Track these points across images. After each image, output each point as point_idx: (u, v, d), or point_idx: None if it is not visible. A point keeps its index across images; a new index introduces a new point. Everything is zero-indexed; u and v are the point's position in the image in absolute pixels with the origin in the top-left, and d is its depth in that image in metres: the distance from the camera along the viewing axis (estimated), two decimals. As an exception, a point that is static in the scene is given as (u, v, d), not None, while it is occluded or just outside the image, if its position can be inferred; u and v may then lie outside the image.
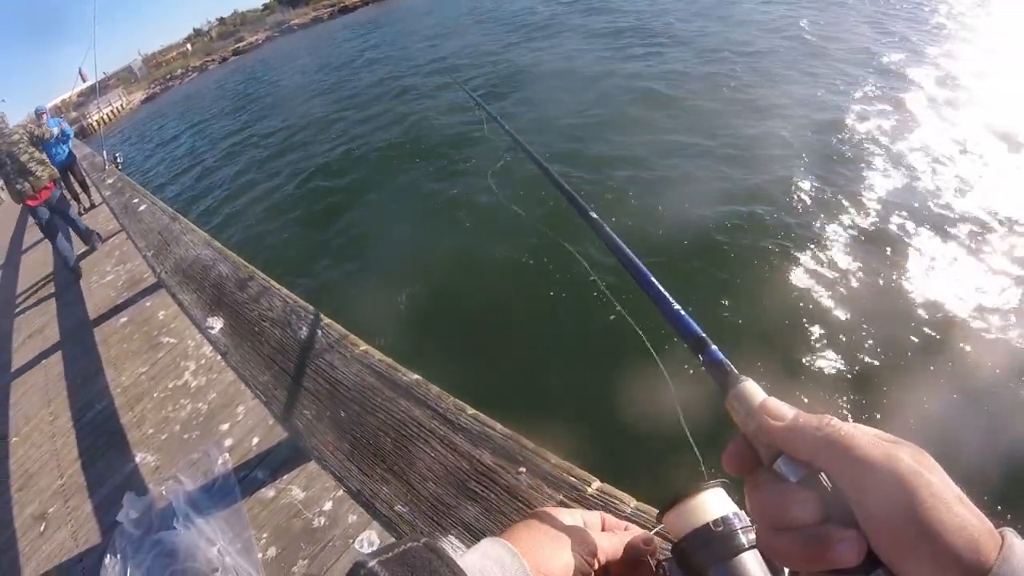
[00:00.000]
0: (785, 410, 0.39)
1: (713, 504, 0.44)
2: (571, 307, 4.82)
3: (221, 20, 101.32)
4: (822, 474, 0.36)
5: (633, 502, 0.84)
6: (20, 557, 2.88)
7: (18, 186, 5.85)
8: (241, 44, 73.15)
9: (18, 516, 3.18)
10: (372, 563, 0.36)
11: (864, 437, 0.35)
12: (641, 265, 0.55)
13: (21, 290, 7.23)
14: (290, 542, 2.33)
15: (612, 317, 4.27)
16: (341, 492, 2.39)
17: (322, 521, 2.36)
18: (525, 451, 0.95)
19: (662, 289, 0.52)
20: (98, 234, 6.94)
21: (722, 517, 0.42)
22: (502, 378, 4.20)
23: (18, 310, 6.53)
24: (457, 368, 4.11)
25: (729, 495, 0.46)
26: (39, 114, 7.74)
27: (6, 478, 3.56)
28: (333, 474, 1.06)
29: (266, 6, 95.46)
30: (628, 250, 0.58)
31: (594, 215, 0.67)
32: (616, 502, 0.84)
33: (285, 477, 2.63)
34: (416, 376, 1.19)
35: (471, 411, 1.06)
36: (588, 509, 0.60)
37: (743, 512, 0.43)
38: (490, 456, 0.96)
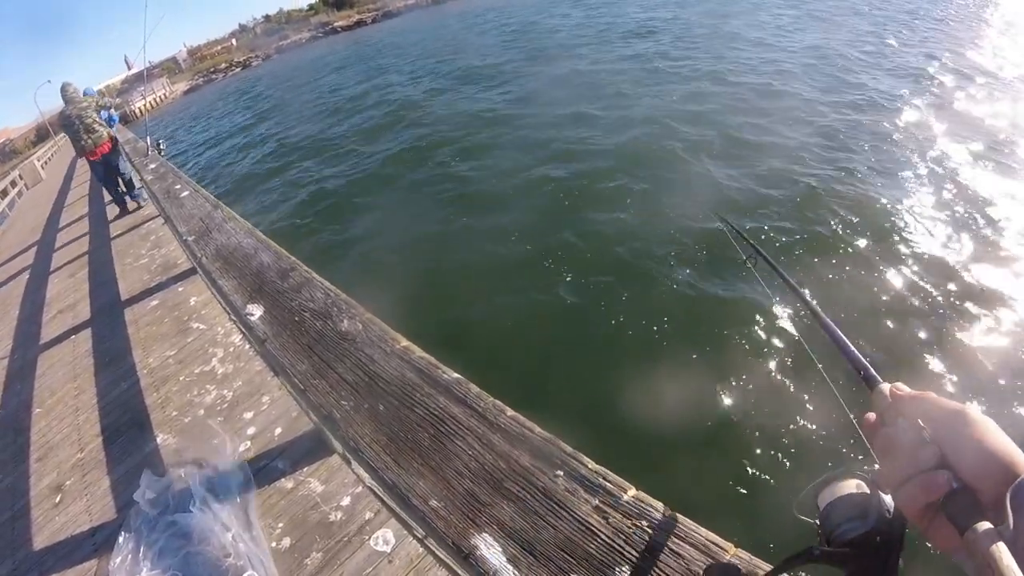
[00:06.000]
0: (905, 388, 0.60)
1: (852, 484, 0.61)
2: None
3: (267, 17, 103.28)
4: (924, 429, 0.55)
5: (665, 510, 0.86)
6: (32, 526, 2.91)
7: (82, 143, 7.32)
8: (285, 42, 74.49)
9: (35, 486, 3.21)
10: None
11: (945, 399, 0.55)
12: (840, 334, 0.76)
13: (56, 265, 7.39)
14: (305, 534, 2.34)
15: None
16: (360, 488, 2.41)
17: (339, 516, 2.37)
18: (563, 454, 0.96)
19: (848, 343, 0.74)
20: (143, 198, 8.10)
21: (860, 492, 0.60)
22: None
23: (51, 285, 6.66)
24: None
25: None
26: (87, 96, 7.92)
27: (26, 447, 3.61)
28: (368, 465, 1.07)
29: (311, 6, 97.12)
30: (836, 329, 0.78)
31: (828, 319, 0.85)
32: (650, 510, 0.85)
33: (305, 469, 2.64)
34: (457, 375, 1.20)
35: (510, 412, 1.07)
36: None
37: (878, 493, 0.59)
38: (528, 457, 0.98)
